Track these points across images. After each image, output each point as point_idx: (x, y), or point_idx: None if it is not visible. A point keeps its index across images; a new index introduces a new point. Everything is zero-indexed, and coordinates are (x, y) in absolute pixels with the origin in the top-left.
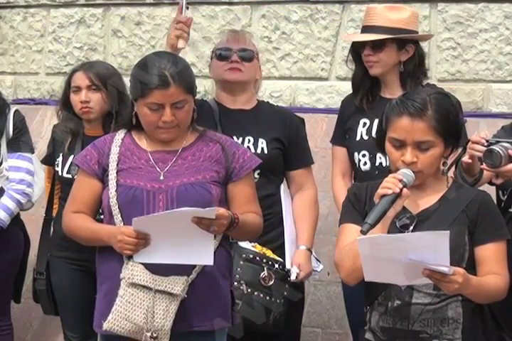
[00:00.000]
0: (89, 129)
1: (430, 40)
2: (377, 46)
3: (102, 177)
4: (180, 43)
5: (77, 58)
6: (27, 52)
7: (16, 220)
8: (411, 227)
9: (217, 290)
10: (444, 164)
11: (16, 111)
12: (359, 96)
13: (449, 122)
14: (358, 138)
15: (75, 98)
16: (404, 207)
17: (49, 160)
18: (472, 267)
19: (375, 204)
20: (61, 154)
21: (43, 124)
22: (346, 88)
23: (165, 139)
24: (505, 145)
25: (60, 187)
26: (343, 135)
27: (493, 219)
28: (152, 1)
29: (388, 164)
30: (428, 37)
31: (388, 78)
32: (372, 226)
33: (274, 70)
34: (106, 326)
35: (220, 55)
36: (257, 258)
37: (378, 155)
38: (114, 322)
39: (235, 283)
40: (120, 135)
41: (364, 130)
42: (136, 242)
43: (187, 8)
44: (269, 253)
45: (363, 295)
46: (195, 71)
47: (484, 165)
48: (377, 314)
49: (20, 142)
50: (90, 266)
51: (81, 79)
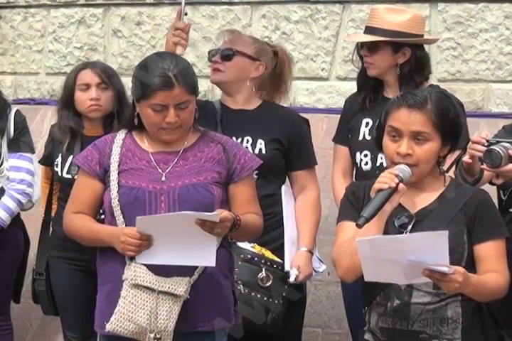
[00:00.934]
0: (89, 129)
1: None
2: (372, 48)
3: (103, 178)
4: (179, 50)
5: (77, 58)
6: (27, 52)
7: (16, 220)
8: (409, 226)
9: (219, 290)
10: (441, 164)
11: (17, 111)
12: (362, 95)
13: (447, 119)
14: (360, 138)
15: (82, 96)
16: (402, 206)
17: (47, 161)
18: (472, 266)
19: (371, 198)
20: (60, 154)
21: (43, 124)
22: (346, 88)
23: (168, 140)
24: (506, 145)
25: (58, 188)
26: (346, 134)
27: (491, 218)
28: (152, 1)
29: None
30: (428, 41)
31: (388, 79)
32: (367, 220)
33: None
34: (109, 327)
35: (211, 56)
36: (255, 258)
37: (380, 155)
38: (117, 323)
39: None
40: (121, 135)
41: (367, 130)
42: (140, 243)
43: (185, 14)
44: (268, 253)
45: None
46: (196, 71)
47: (484, 165)
48: (376, 314)
49: (20, 142)
50: (90, 266)
51: (90, 76)
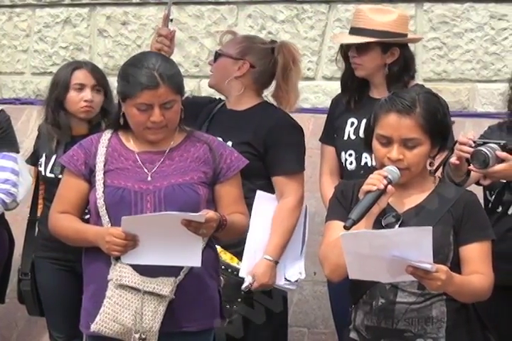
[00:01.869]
0: (73, 129)
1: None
2: (361, 49)
3: (89, 178)
4: None
5: (63, 58)
6: (12, 51)
7: (1, 220)
8: (396, 226)
9: (205, 290)
10: (430, 164)
11: (1, 110)
12: (347, 95)
13: (436, 121)
14: (345, 138)
15: (76, 96)
16: (390, 206)
17: (32, 160)
18: (457, 267)
19: (360, 200)
20: (44, 154)
21: (28, 124)
22: (332, 88)
23: (153, 140)
24: (493, 146)
25: (44, 187)
26: (332, 134)
27: (478, 219)
28: (138, 1)
29: (374, 164)
30: (415, 40)
31: (375, 79)
32: (355, 221)
33: None
34: (94, 327)
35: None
36: None
37: (364, 155)
38: (102, 323)
39: None
40: (107, 135)
41: (352, 130)
42: (125, 243)
43: (171, 21)
44: (226, 257)
45: (348, 295)
46: (182, 71)
47: (472, 167)
48: (362, 313)
49: (4, 142)
50: (75, 266)
51: (87, 77)
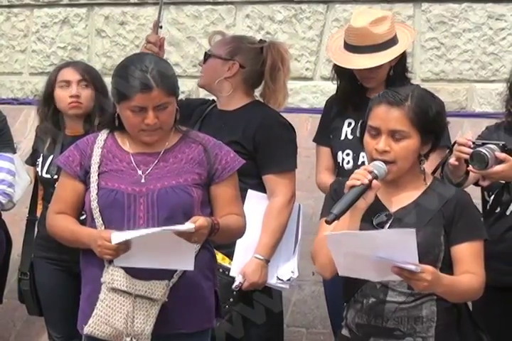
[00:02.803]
0: (70, 129)
1: (414, 40)
2: (374, 67)
3: (84, 179)
4: None
5: (60, 58)
6: (10, 52)
7: None
8: (387, 225)
9: (199, 292)
10: (421, 162)
11: None
12: (346, 102)
13: (428, 118)
14: (342, 138)
15: (62, 93)
16: (382, 205)
17: (31, 161)
18: (449, 267)
19: (344, 195)
20: (41, 154)
21: (26, 124)
22: (331, 88)
23: (148, 141)
24: (492, 147)
25: (42, 188)
26: (328, 135)
27: (470, 219)
28: (136, 1)
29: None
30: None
31: (378, 84)
32: (337, 216)
33: None
34: (86, 330)
35: None
36: None
37: (362, 154)
38: (94, 326)
39: None
40: (102, 136)
41: (349, 130)
42: (116, 248)
43: (160, 27)
44: (218, 257)
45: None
46: (180, 71)
47: (471, 167)
48: (353, 311)
49: (0, 142)
50: (72, 266)
51: (71, 74)
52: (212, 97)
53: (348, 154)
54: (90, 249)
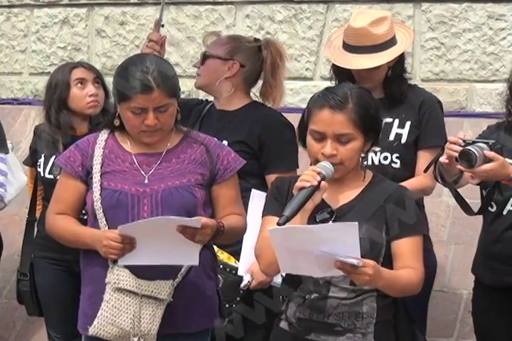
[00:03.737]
0: (74, 129)
1: (414, 39)
2: (373, 67)
3: (86, 180)
4: None
5: (60, 58)
6: (10, 52)
7: None
8: (330, 222)
9: (203, 291)
10: (362, 159)
11: None
12: None
13: (369, 116)
14: None
15: (80, 92)
16: (324, 202)
17: (30, 161)
18: (390, 262)
19: (293, 196)
20: (43, 155)
21: (26, 124)
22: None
23: (149, 142)
24: (481, 145)
25: (42, 188)
26: None
27: (410, 214)
28: (136, 1)
29: (369, 163)
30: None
31: (376, 85)
32: (289, 218)
33: None
34: (92, 331)
35: None
36: None
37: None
38: (100, 327)
39: None
40: (103, 136)
41: None
42: (122, 247)
43: (162, 26)
44: (224, 256)
45: None
46: (180, 71)
47: (460, 166)
48: (294, 305)
49: None
50: (73, 266)
51: (86, 73)
52: (208, 97)
53: None
54: (91, 250)
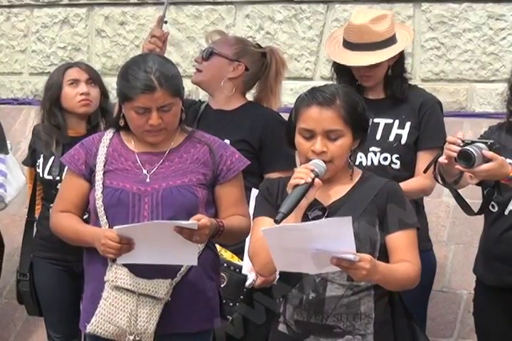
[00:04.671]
0: (71, 129)
1: (414, 39)
2: (373, 65)
3: (89, 178)
4: None
5: (60, 58)
6: (10, 52)
7: None
8: (322, 219)
9: (203, 292)
10: (351, 157)
11: None
12: None
13: (357, 113)
14: None
15: (71, 91)
16: (315, 199)
17: (30, 162)
18: (385, 256)
19: (288, 194)
20: (42, 155)
21: (26, 124)
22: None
23: (153, 142)
24: (480, 145)
25: (41, 188)
26: None
27: (401, 208)
28: (136, 1)
29: (368, 163)
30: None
31: (376, 84)
32: (285, 215)
33: None
34: (89, 328)
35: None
36: None
37: (359, 154)
38: (97, 324)
39: None
40: (108, 135)
41: None
42: (119, 247)
43: (165, 22)
44: (227, 255)
45: None
46: (180, 71)
47: (458, 166)
48: (291, 306)
49: None
50: (73, 266)
51: (79, 73)
52: (200, 98)
53: None
54: (94, 248)
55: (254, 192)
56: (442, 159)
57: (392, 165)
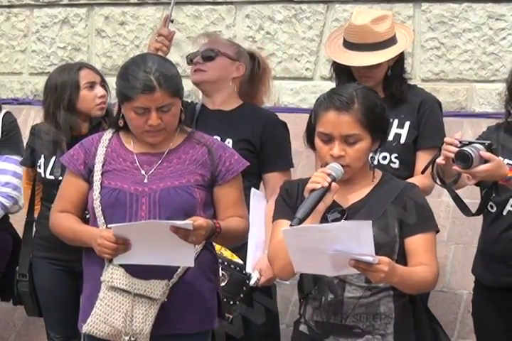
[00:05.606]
0: (76, 129)
1: (414, 39)
2: (373, 65)
3: (88, 178)
4: None
5: (60, 58)
6: (10, 52)
7: (3, 224)
8: (342, 221)
9: (200, 293)
10: (371, 159)
11: (7, 113)
12: None
13: (375, 116)
14: None
15: (89, 94)
16: (334, 202)
17: (28, 162)
18: (404, 258)
19: (305, 199)
20: (43, 155)
21: (26, 125)
22: (330, 88)
23: (152, 142)
24: (477, 146)
25: (41, 188)
26: None
27: (421, 211)
28: (136, 1)
29: (375, 163)
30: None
31: (376, 84)
32: (301, 220)
33: None
34: (85, 329)
35: (189, 60)
36: None
37: None
38: (93, 325)
39: None
40: (107, 135)
41: None
42: (115, 247)
43: (171, 21)
44: (227, 253)
45: None
46: (180, 71)
47: (456, 166)
48: (311, 308)
49: (7, 144)
50: (73, 266)
51: (93, 75)
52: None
53: None
54: (92, 248)
55: (254, 192)
56: (440, 160)
57: (391, 165)
